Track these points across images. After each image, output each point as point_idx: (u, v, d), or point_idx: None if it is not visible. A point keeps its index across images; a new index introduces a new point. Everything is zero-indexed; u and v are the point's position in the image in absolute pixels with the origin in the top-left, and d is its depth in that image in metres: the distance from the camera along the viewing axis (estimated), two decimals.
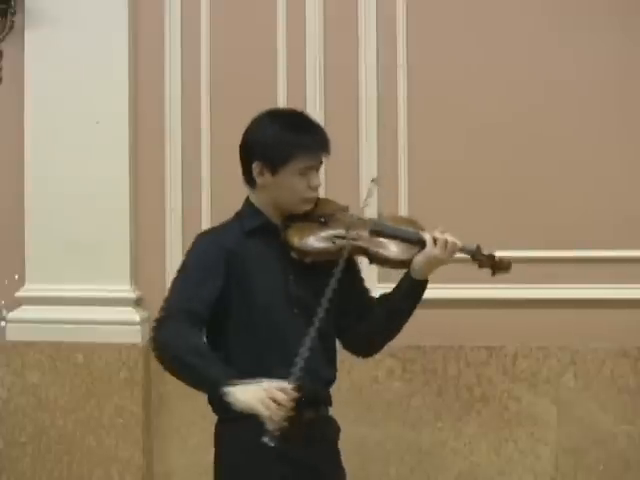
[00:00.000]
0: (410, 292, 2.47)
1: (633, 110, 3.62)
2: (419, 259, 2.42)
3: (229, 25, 3.85)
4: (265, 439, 2.11)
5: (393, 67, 3.73)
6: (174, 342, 2.30)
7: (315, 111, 3.71)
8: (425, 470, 3.73)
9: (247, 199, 2.51)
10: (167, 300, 2.39)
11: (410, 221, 2.56)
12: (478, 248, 2.50)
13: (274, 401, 2.14)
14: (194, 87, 3.85)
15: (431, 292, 2.58)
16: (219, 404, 2.36)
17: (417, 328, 2.77)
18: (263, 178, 2.42)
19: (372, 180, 2.81)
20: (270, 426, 2.11)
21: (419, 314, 2.63)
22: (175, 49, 3.87)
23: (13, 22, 3.95)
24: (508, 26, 3.68)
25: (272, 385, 2.17)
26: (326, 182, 3.38)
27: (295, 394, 2.16)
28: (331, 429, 2.54)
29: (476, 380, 3.68)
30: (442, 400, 3.70)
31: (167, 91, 3.87)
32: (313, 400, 2.42)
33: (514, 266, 3.50)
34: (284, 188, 2.41)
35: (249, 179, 2.46)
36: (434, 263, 2.42)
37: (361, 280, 2.58)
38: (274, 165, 2.39)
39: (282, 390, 2.16)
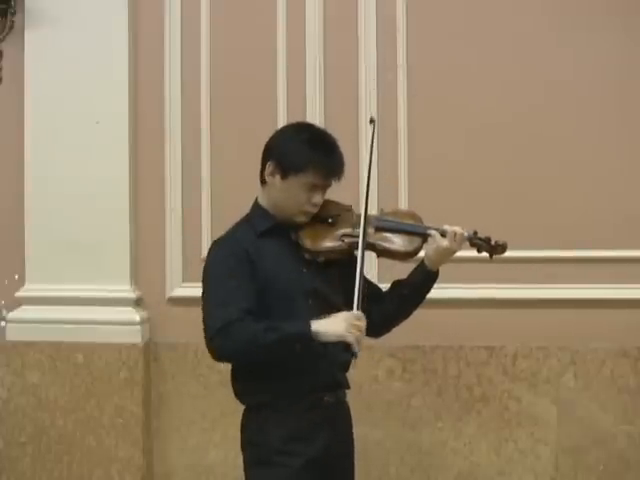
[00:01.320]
0: (424, 282, 2.64)
1: (633, 110, 3.62)
2: (430, 252, 2.59)
3: (229, 25, 3.84)
4: (352, 358, 2.44)
5: (393, 67, 3.73)
6: (245, 340, 2.42)
7: (315, 111, 3.72)
8: (425, 470, 3.73)
9: (256, 200, 2.65)
10: (210, 317, 2.48)
11: (410, 214, 2.70)
12: (475, 233, 2.63)
13: (355, 327, 2.41)
14: (194, 87, 3.85)
15: (432, 292, 2.59)
16: (245, 394, 2.59)
17: (417, 328, 2.78)
18: (273, 179, 2.57)
19: (370, 121, 2.80)
20: (355, 348, 2.41)
21: (419, 314, 2.64)
22: (175, 49, 3.86)
23: (13, 22, 3.95)
24: (508, 26, 3.68)
25: (349, 315, 2.43)
26: None
27: (364, 317, 2.44)
28: (347, 414, 2.70)
29: (476, 380, 3.68)
30: (442, 400, 3.71)
31: (167, 91, 3.87)
32: (332, 384, 2.59)
33: (514, 266, 3.53)
34: (288, 195, 2.56)
35: (262, 177, 2.60)
36: (445, 254, 2.59)
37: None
38: (285, 171, 2.54)
39: (357, 317, 2.43)
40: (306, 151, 2.53)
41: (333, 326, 2.42)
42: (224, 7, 3.85)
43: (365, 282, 2.59)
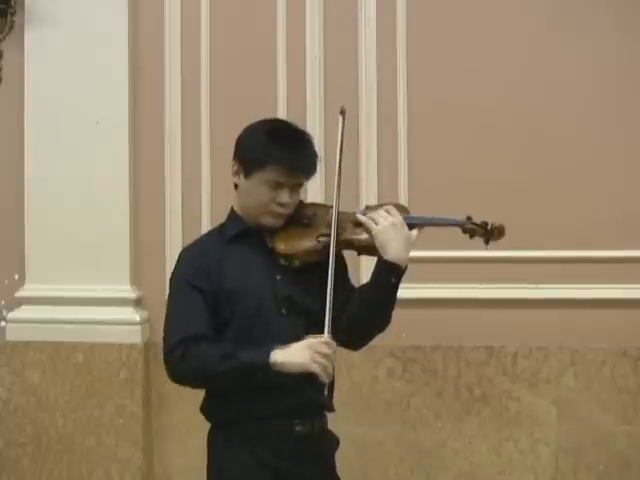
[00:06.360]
0: (381, 275, 2.35)
1: (634, 110, 3.62)
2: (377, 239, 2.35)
3: (229, 25, 3.84)
4: (324, 394, 2.24)
5: (393, 67, 3.73)
6: (201, 368, 2.32)
7: (315, 111, 3.72)
8: (425, 470, 3.73)
9: (231, 207, 2.53)
10: (169, 333, 2.42)
11: (399, 208, 2.50)
12: (469, 218, 2.45)
13: (321, 355, 2.20)
14: (194, 87, 3.85)
15: (431, 292, 2.60)
16: (210, 411, 2.47)
17: (417, 328, 2.77)
18: (238, 179, 2.45)
19: (341, 111, 2.54)
20: (323, 378, 2.21)
21: (419, 314, 2.64)
22: (175, 49, 3.86)
23: (13, 22, 3.95)
24: (509, 26, 3.68)
25: (314, 342, 2.22)
26: (326, 183, 3.40)
27: (334, 343, 2.23)
28: (327, 444, 2.48)
29: (476, 380, 3.68)
30: (442, 400, 3.70)
31: (167, 91, 3.87)
32: (307, 413, 2.37)
33: (514, 266, 3.53)
34: (252, 194, 2.42)
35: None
36: (386, 238, 2.33)
37: (346, 275, 2.53)
38: (247, 168, 2.41)
39: (325, 343, 2.22)
40: (267, 146, 2.36)
41: (295, 355, 2.22)
42: (224, 7, 3.85)
43: (341, 291, 2.38)
